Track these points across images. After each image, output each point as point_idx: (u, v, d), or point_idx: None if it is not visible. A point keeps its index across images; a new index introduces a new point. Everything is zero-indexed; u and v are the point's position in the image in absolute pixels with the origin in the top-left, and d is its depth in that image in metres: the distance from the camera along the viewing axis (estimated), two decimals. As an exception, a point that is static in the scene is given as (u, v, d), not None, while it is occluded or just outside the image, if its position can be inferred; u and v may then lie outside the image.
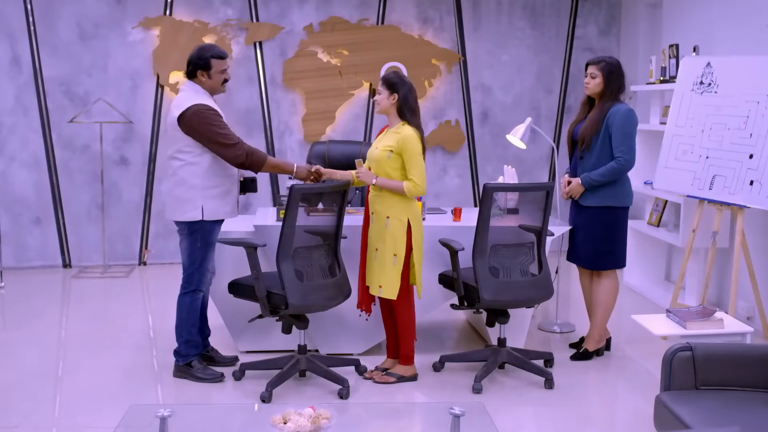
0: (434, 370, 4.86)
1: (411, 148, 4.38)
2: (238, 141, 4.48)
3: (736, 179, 5.17)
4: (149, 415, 3.09)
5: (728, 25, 6.10)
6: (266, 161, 4.53)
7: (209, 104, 4.50)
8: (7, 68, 7.31)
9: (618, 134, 4.79)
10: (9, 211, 7.40)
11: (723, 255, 6.06)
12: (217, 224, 4.61)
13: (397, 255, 4.42)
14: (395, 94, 4.48)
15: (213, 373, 4.63)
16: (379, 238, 4.46)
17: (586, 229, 4.99)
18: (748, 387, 3.35)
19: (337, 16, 7.71)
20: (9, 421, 4.13)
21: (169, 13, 7.50)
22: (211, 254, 4.65)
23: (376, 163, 4.47)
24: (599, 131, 4.83)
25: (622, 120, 4.80)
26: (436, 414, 3.64)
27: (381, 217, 4.45)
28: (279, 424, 2.95)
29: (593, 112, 4.90)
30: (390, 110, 4.52)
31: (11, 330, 5.78)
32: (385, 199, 4.45)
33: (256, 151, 4.52)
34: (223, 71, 4.57)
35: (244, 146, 4.49)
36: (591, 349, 5.09)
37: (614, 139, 4.80)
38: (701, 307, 4.34)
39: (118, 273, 7.32)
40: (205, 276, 4.63)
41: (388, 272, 4.44)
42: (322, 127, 7.77)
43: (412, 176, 4.38)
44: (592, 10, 8.11)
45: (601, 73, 4.86)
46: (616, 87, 4.88)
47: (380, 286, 4.46)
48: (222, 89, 4.64)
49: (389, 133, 4.52)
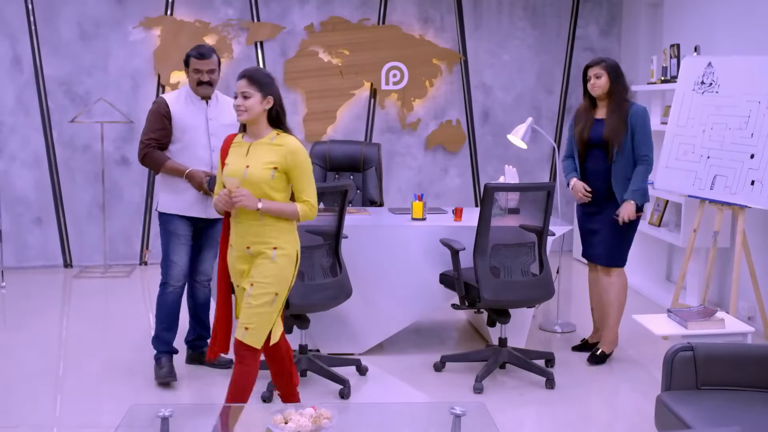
0: (435, 369, 4.86)
1: (303, 164, 3.60)
2: (145, 140, 4.53)
3: (737, 179, 5.16)
4: (150, 415, 3.09)
5: (729, 24, 6.10)
6: (163, 165, 4.51)
7: (168, 100, 4.55)
8: (8, 68, 7.31)
9: (641, 134, 4.81)
10: (10, 211, 7.40)
11: (724, 255, 6.06)
12: (177, 218, 4.60)
13: (279, 294, 3.61)
14: (269, 97, 3.60)
15: (161, 374, 4.61)
16: (260, 272, 3.59)
17: (612, 226, 4.91)
18: (749, 387, 3.35)
19: (338, 16, 7.71)
20: (10, 421, 4.13)
21: (170, 13, 7.50)
22: (177, 248, 4.62)
23: (254, 184, 3.56)
24: (627, 132, 4.80)
25: (643, 120, 4.83)
26: (437, 414, 3.63)
27: (259, 250, 3.60)
28: (280, 424, 2.95)
29: (613, 114, 4.84)
30: (260, 117, 3.61)
31: (12, 330, 5.77)
32: (267, 228, 3.60)
33: (156, 155, 4.51)
34: (197, 71, 4.51)
35: (148, 147, 4.52)
36: (607, 351, 5.05)
37: (638, 140, 4.81)
38: (702, 307, 4.33)
39: (119, 273, 7.32)
40: (171, 269, 4.62)
41: (261, 314, 3.59)
42: (323, 127, 7.77)
43: (307, 197, 3.62)
44: (593, 10, 8.10)
45: (606, 72, 4.83)
46: (624, 85, 4.88)
47: (246, 329, 3.59)
48: (199, 91, 4.55)
49: (262, 146, 3.62)
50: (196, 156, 4.55)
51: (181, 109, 4.55)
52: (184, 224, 4.62)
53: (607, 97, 4.88)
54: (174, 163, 4.53)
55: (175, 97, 4.60)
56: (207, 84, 4.54)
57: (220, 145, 4.26)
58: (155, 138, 4.53)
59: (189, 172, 4.49)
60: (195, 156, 4.55)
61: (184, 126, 4.54)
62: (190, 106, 4.57)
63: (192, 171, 4.49)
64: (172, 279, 4.64)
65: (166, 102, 4.56)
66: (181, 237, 4.62)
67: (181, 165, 4.52)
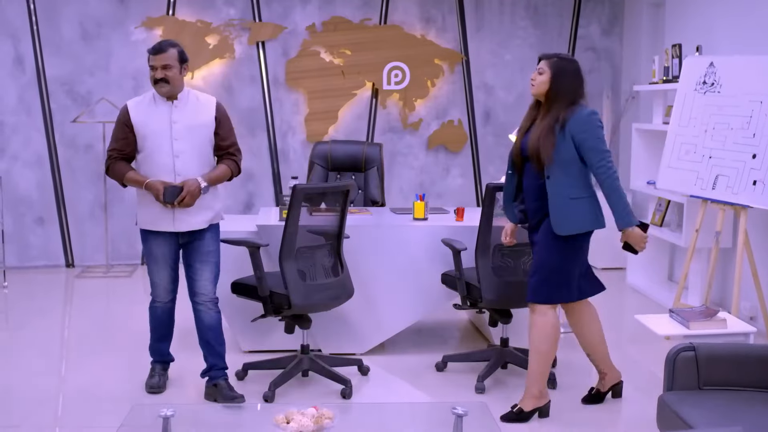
0: (437, 369, 4.86)
1: None
2: (108, 151, 4.29)
3: (739, 179, 5.16)
4: (152, 415, 3.09)
5: (731, 24, 6.10)
6: (124, 176, 4.23)
7: (129, 105, 4.28)
8: (11, 68, 7.32)
9: (590, 142, 3.96)
10: (12, 211, 7.40)
11: (726, 255, 6.05)
12: (152, 235, 4.31)
13: None
14: None
15: (149, 383, 4.52)
16: None
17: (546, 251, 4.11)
18: (751, 387, 3.35)
19: (340, 15, 7.71)
20: (11, 421, 4.13)
21: (172, 13, 7.50)
22: (153, 267, 4.37)
23: None
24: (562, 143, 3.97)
25: (587, 125, 3.97)
26: (439, 414, 3.63)
27: None
28: (282, 424, 2.95)
29: (543, 121, 4.01)
30: None
31: (14, 329, 5.78)
32: None
33: (117, 167, 4.25)
34: (152, 68, 4.19)
35: (110, 159, 4.28)
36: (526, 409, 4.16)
37: (587, 149, 3.95)
38: (704, 307, 4.33)
39: (121, 273, 7.33)
40: (153, 288, 4.43)
41: None
42: (325, 127, 7.77)
43: None
44: (594, 10, 8.10)
45: (550, 70, 4.02)
46: (570, 90, 4.02)
47: None
48: (157, 90, 4.21)
49: None
50: (157, 163, 4.19)
51: (142, 114, 4.23)
52: (160, 241, 4.30)
53: (545, 100, 4.08)
54: (134, 174, 4.23)
55: (138, 102, 4.30)
56: (162, 81, 4.16)
57: (186, 149, 4.19)
58: (117, 148, 4.25)
59: (146, 183, 4.16)
60: (156, 163, 4.20)
61: (144, 132, 4.20)
62: (152, 109, 4.24)
63: (149, 182, 4.15)
64: (156, 297, 4.45)
65: (127, 108, 4.26)
66: (157, 257, 4.33)
67: (141, 176, 4.21)
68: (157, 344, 4.57)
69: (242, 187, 7.73)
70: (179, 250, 4.39)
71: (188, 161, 4.22)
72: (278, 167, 7.79)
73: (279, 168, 7.79)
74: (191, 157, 4.23)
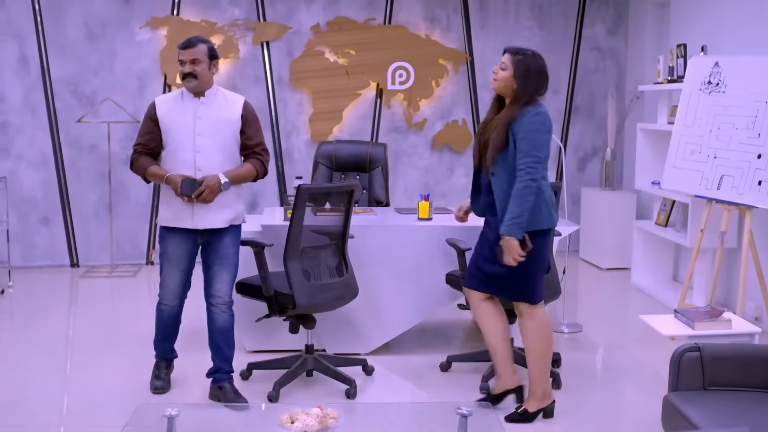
0: (441, 369, 4.86)
1: None
2: (134, 146, 4.27)
3: (744, 179, 5.15)
4: (156, 415, 3.09)
5: (736, 24, 6.09)
6: (146, 171, 4.20)
7: (158, 101, 4.27)
8: (16, 68, 7.33)
9: (523, 142, 3.86)
10: (17, 211, 7.42)
11: (731, 255, 6.04)
12: (170, 232, 4.27)
13: None
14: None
15: (154, 384, 4.49)
16: None
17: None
18: (756, 387, 3.34)
19: (344, 15, 7.71)
20: (16, 420, 4.14)
21: (177, 13, 7.51)
22: (166, 266, 4.31)
23: None
24: (507, 140, 3.91)
25: (530, 125, 3.87)
26: (444, 414, 3.63)
27: None
28: (286, 424, 2.95)
29: (501, 118, 3.96)
30: None
31: (19, 329, 5.79)
32: None
33: (140, 161, 4.22)
34: (180, 62, 4.17)
35: (135, 154, 4.25)
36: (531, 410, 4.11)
37: (520, 150, 3.85)
38: (709, 308, 4.32)
39: (126, 272, 7.33)
40: (162, 289, 4.35)
41: None
42: (330, 127, 7.77)
43: None
44: (599, 10, 8.09)
45: (513, 67, 3.99)
46: (532, 89, 3.96)
47: None
48: (185, 85, 4.20)
49: None
50: (179, 159, 4.17)
51: (169, 109, 4.22)
52: (178, 240, 4.26)
53: (507, 96, 4.02)
54: (156, 169, 4.20)
55: (166, 97, 4.31)
56: (190, 76, 4.13)
57: (208, 145, 4.17)
58: (142, 143, 4.23)
59: (167, 177, 4.13)
60: (178, 159, 4.17)
61: (168, 127, 4.19)
62: (179, 104, 4.22)
63: (169, 176, 4.12)
64: (164, 299, 4.38)
65: (155, 104, 4.25)
66: (171, 256, 4.28)
67: (162, 170, 4.17)
68: (159, 343, 4.57)
69: (247, 187, 7.71)
70: (197, 251, 4.34)
71: (210, 157, 4.17)
72: (283, 167, 7.80)
73: (283, 168, 7.80)
74: (213, 154, 4.18)
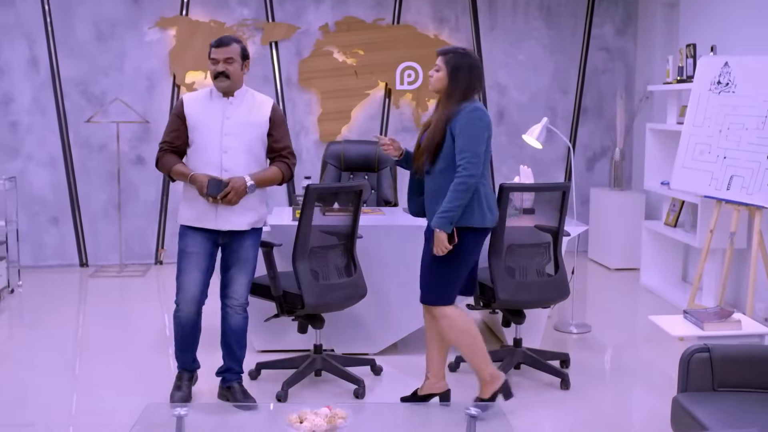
0: (450, 370, 4.85)
1: None
2: (160, 144, 4.23)
3: (753, 179, 5.13)
4: (166, 414, 3.10)
5: (746, 24, 6.07)
6: (171, 169, 4.15)
7: (186, 98, 4.23)
8: (25, 68, 7.36)
9: (461, 138, 3.86)
10: (27, 211, 7.44)
11: (740, 256, 6.02)
12: (191, 232, 4.18)
13: None
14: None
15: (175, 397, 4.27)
16: None
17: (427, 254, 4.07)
18: (766, 389, 3.33)
19: (353, 15, 7.71)
20: (25, 419, 4.15)
21: (186, 14, 7.52)
22: (186, 266, 4.17)
23: None
24: (444, 139, 3.92)
25: (468, 120, 3.87)
26: (452, 414, 3.63)
27: None
28: (295, 424, 2.96)
29: (437, 117, 3.98)
30: None
31: (28, 328, 5.81)
32: None
33: (166, 159, 4.18)
34: (213, 61, 4.11)
35: (160, 152, 4.20)
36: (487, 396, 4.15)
37: (459, 146, 3.86)
38: (718, 308, 4.31)
39: (135, 272, 7.35)
40: (179, 292, 4.18)
41: None
42: (338, 127, 7.78)
43: None
44: (608, 10, 8.07)
45: (446, 68, 4.02)
46: (464, 86, 3.97)
47: None
48: (216, 85, 4.14)
49: None
50: (205, 158, 4.11)
51: (197, 107, 4.16)
52: (199, 239, 4.16)
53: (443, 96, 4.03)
54: (182, 167, 4.15)
55: (195, 95, 4.26)
56: (223, 75, 4.09)
57: (235, 145, 4.16)
58: (168, 141, 4.19)
59: (191, 176, 4.07)
60: (204, 158, 4.12)
61: (195, 126, 4.13)
62: (207, 103, 4.17)
63: (194, 175, 4.07)
64: (180, 303, 4.19)
65: (183, 101, 4.21)
66: (191, 255, 4.16)
67: (187, 168, 4.12)
68: (180, 353, 4.34)
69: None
70: (216, 252, 4.26)
71: (236, 158, 4.13)
72: (291, 167, 7.80)
73: (292, 168, 7.80)
74: (240, 154, 4.14)
